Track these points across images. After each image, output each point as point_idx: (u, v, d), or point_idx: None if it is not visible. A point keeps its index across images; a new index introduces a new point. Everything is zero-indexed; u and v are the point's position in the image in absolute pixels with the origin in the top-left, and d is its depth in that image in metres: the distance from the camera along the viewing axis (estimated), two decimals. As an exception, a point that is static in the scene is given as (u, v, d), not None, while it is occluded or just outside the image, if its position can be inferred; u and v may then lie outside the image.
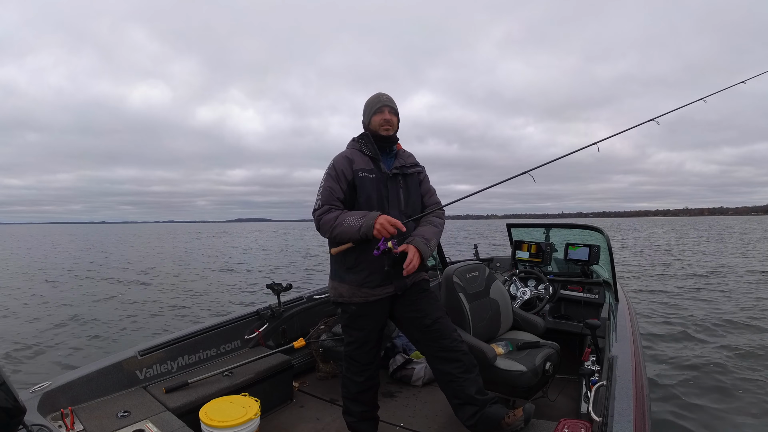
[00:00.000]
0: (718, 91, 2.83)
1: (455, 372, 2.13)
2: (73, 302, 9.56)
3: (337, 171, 2.13)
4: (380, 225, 1.94)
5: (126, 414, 2.14)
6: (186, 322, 7.53)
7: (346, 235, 2.03)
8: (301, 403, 2.95)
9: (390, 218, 1.98)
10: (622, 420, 1.52)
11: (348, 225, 2.01)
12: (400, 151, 2.31)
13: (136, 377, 2.51)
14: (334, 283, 2.24)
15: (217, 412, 2.19)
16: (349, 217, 2.03)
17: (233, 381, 2.61)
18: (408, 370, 3.24)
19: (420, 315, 2.19)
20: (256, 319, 3.22)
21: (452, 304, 2.73)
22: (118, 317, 7.99)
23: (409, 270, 1.99)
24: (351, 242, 2.06)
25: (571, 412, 2.70)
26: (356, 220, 2.00)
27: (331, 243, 2.17)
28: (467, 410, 2.13)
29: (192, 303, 9.32)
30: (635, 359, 2.11)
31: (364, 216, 2.00)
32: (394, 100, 2.25)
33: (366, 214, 2.01)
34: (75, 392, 2.21)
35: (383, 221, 1.95)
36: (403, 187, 2.23)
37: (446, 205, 2.35)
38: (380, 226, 1.94)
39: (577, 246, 4.01)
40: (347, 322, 2.25)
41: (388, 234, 1.95)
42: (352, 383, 2.28)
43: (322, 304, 3.63)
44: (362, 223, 1.97)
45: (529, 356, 2.57)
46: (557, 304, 3.89)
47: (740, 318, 6.83)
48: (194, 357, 2.81)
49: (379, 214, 1.99)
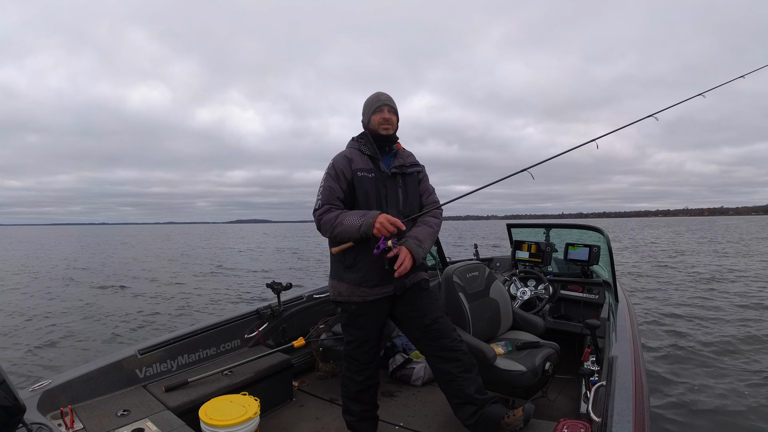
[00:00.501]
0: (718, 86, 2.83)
1: (455, 371, 2.14)
2: (73, 301, 9.57)
3: (337, 170, 2.13)
4: (380, 224, 1.95)
5: (126, 413, 2.14)
6: (186, 321, 7.53)
7: (346, 234, 2.04)
8: (301, 403, 2.95)
9: (390, 217, 1.99)
10: (621, 420, 1.52)
11: (348, 224, 2.01)
12: (399, 151, 2.31)
13: (136, 376, 2.51)
14: (334, 282, 2.24)
15: (217, 411, 2.18)
16: (349, 216, 2.03)
17: (233, 380, 2.61)
18: (407, 369, 3.24)
19: (420, 314, 2.19)
20: (256, 318, 3.22)
21: (452, 303, 2.73)
22: (119, 316, 8.00)
23: (400, 272, 1.98)
24: (351, 241, 2.07)
25: (571, 412, 2.70)
26: (356, 220, 2.00)
27: (331, 242, 2.18)
28: (467, 410, 2.13)
29: (191, 302, 9.33)
30: (635, 359, 2.11)
31: (364, 215, 2.00)
32: (394, 100, 2.25)
33: (366, 213, 2.02)
34: (75, 391, 2.21)
35: (383, 220, 1.96)
36: (402, 187, 2.23)
37: (444, 204, 2.35)
38: (380, 225, 1.95)
39: (577, 246, 4.01)
40: (347, 321, 2.25)
41: (388, 233, 1.96)
42: (351, 382, 2.28)
43: (322, 303, 3.63)
44: (362, 222, 1.98)
45: (528, 356, 2.57)
46: (557, 304, 3.89)
47: (740, 319, 6.84)
48: (194, 356, 2.81)
49: (379, 213, 2.00)
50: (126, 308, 8.70)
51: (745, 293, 9.01)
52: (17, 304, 9.35)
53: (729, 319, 6.80)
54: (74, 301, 9.55)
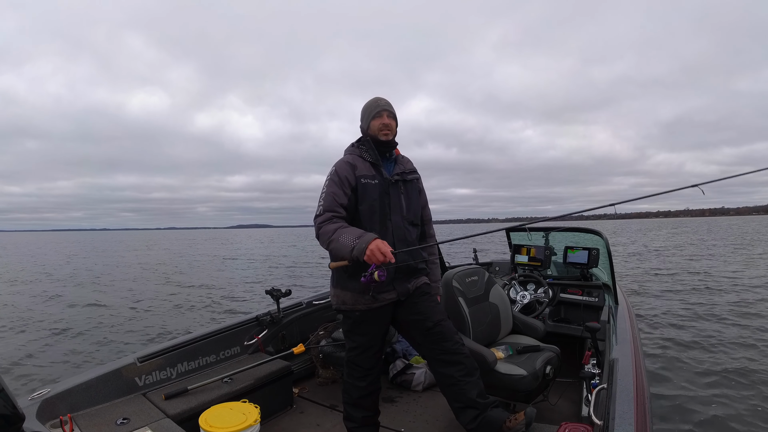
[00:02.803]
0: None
1: (457, 375, 2.13)
2: (72, 309, 9.52)
3: (341, 176, 2.10)
4: (370, 251, 1.86)
5: (125, 421, 2.13)
6: (185, 329, 7.51)
7: (339, 252, 1.97)
8: (301, 409, 2.93)
9: (382, 246, 1.88)
10: (623, 423, 1.51)
11: (342, 243, 1.94)
12: (399, 157, 2.31)
13: (136, 384, 2.50)
14: (337, 290, 2.21)
15: (217, 419, 2.17)
16: (345, 234, 1.95)
17: (233, 387, 2.60)
18: (408, 375, 3.23)
19: (421, 318, 2.18)
20: (256, 325, 3.21)
21: (452, 308, 2.73)
22: (118, 324, 7.96)
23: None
24: (344, 260, 1.99)
25: (572, 415, 2.69)
26: (351, 241, 1.92)
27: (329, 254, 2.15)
28: (468, 414, 2.11)
29: (191, 309, 9.29)
30: (636, 362, 2.11)
31: (359, 237, 1.92)
32: (392, 105, 2.25)
33: (362, 234, 1.94)
34: (74, 399, 2.20)
35: (374, 248, 1.86)
36: (404, 193, 2.23)
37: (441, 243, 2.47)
38: (370, 252, 1.86)
39: (576, 249, 4.02)
40: (350, 327, 2.24)
41: (378, 261, 1.87)
42: (354, 388, 2.27)
43: (322, 309, 3.62)
44: (355, 245, 1.90)
45: (529, 360, 2.57)
46: (557, 308, 3.89)
47: (740, 319, 6.83)
48: (194, 363, 2.80)
49: (374, 238, 1.91)
50: (125, 315, 8.66)
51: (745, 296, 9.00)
52: (16, 311, 9.31)
53: (730, 319, 6.80)
54: (73, 309, 9.49)
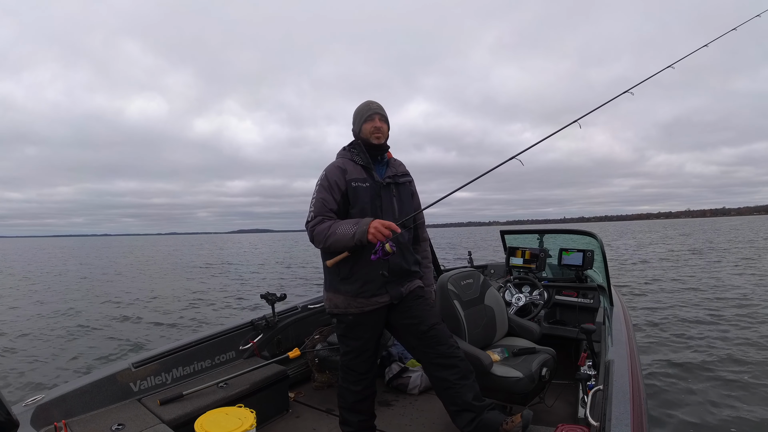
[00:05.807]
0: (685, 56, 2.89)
1: (452, 378, 2.13)
2: (66, 314, 9.43)
3: (330, 182, 2.12)
4: (374, 229, 1.94)
5: (120, 427, 2.12)
6: (180, 334, 7.46)
7: (340, 244, 2.02)
8: (297, 414, 2.92)
9: (383, 221, 1.98)
10: (619, 424, 1.52)
11: (341, 233, 2.00)
12: (391, 160, 2.32)
13: (131, 389, 2.48)
14: (329, 294, 2.22)
15: (213, 424, 2.16)
16: (341, 225, 2.03)
17: (228, 392, 2.58)
18: (404, 378, 3.23)
19: (416, 321, 2.18)
20: (251, 330, 3.20)
21: (447, 311, 2.73)
22: (112, 329, 7.90)
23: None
24: (346, 251, 2.05)
25: (569, 417, 2.70)
26: (349, 228, 1.99)
27: (325, 254, 2.17)
28: (465, 417, 2.11)
29: (186, 314, 9.24)
30: (631, 363, 2.12)
31: (356, 223, 2.00)
32: (385, 108, 2.26)
33: (359, 220, 2.01)
34: (69, 405, 2.19)
35: (377, 225, 1.95)
36: (396, 196, 2.24)
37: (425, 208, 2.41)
38: (374, 230, 1.94)
39: (570, 251, 4.04)
40: (344, 331, 2.24)
41: (384, 237, 1.95)
42: (349, 392, 2.26)
43: (317, 313, 3.61)
44: (356, 229, 1.97)
45: (525, 362, 2.57)
46: (552, 310, 3.90)
47: (739, 319, 6.87)
48: (189, 368, 2.78)
49: (372, 219, 1.99)
50: (119, 320, 8.60)
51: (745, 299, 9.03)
52: (9, 317, 9.21)
53: (728, 320, 6.83)
54: (68, 314, 9.40)
